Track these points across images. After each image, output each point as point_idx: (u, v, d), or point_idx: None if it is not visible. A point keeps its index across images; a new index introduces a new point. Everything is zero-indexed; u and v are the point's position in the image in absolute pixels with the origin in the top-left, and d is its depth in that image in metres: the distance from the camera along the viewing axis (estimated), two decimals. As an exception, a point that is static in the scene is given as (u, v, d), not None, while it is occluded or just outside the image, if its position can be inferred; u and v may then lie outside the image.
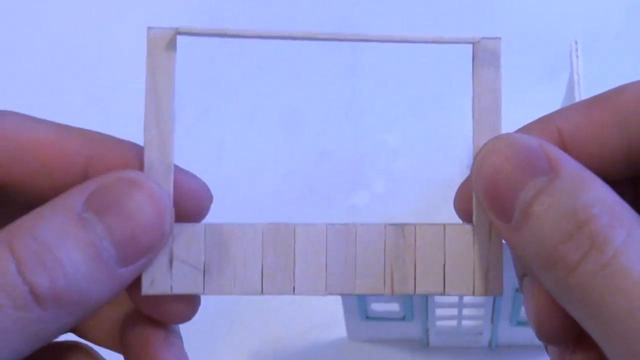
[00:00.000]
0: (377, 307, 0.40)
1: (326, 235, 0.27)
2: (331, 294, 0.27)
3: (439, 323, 0.41)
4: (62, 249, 0.23)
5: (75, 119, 0.28)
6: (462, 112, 0.52)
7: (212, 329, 0.47)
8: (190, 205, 0.27)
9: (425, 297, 0.37)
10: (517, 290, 0.39)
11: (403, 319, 0.39)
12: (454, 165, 0.51)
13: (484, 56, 0.29)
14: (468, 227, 0.27)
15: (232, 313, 0.47)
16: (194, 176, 0.28)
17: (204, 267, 0.27)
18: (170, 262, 0.27)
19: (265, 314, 0.47)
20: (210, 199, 0.28)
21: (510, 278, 0.29)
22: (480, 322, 0.42)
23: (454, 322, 0.42)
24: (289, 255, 0.27)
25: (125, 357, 0.28)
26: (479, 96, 0.29)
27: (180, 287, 0.27)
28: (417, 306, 0.39)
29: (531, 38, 0.54)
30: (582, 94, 0.41)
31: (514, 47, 0.50)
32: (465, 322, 0.42)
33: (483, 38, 0.29)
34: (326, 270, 0.27)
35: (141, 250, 0.25)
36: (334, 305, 0.46)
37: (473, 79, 0.29)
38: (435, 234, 0.27)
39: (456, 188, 0.28)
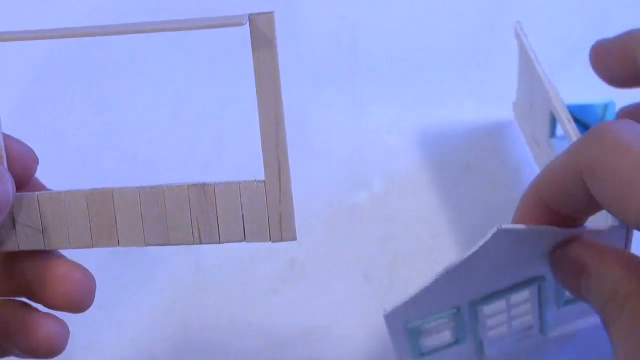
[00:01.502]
0: (428, 341, 0.41)
1: (139, 196, 0.31)
2: (149, 244, 0.32)
3: (491, 333, 0.41)
4: None
5: None
6: (462, 112, 0.52)
7: (212, 329, 0.47)
8: (19, 167, 0.32)
9: (475, 316, 0.38)
10: None
11: (456, 342, 0.40)
12: (454, 165, 0.51)
13: (257, 32, 0.30)
14: (260, 182, 0.31)
15: (232, 312, 0.47)
16: (20, 141, 0.32)
17: (42, 227, 0.32)
18: (14, 225, 0.32)
19: (265, 314, 0.47)
20: (36, 161, 0.33)
21: None
22: (529, 315, 0.41)
23: (504, 327, 0.41)
24: (111, 215, 0.31)
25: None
26: (259, 71, 0.31)
27: (25, 244, 0.32)
28: (468, 325, 0.39)
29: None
30: (544, 68, 0.43)
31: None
32: (514, 322, 0.41)
33: (252, 14, 0.30)
34: (143, 226, 0.31)
35: None
36: (334, 306, 0.46)
37: (252, 55, 0.31)
38: (231, 191, 0.31)
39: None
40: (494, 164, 0.50)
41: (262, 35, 0.30)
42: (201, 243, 0.31)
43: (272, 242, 0.31)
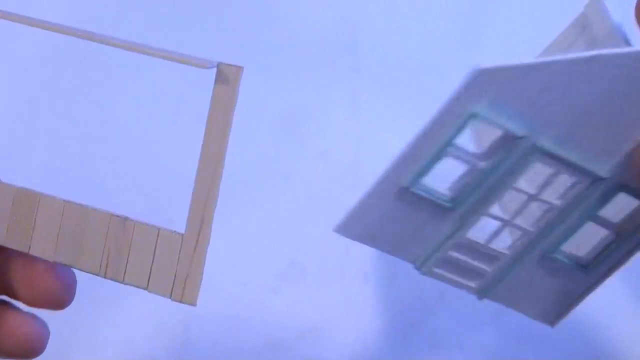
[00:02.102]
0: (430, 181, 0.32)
1: (63, 210, 0.30)
2: (57, 261, 0.31)
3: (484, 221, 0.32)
4: None
5: None
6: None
7: (212, 329, 0.47)
8: None
9: (515, 171, 0.31)
10: None
11: (450, 207, 0.32)
12: (453, 166, 0.51)
13: (222, 80, 0.30)
14: (177, 235, 0.29)
15: (232, 313, 0.47)
16: None
17: None
18: None
19: (265, 314, 0.47)
20: None
21: None
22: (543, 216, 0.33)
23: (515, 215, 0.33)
24: (31, 219, 0.31)
25: None
26: (211, 121, 0.30)
27: None
28: (489, 184, 0.31)
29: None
30: None
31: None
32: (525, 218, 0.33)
33: (220, 63, 0.29)
34: (57, 241, 0.30)
35: None
36: (334, 306, 0.46)
37: (211, 99, 0.30)
38: (149, 235, 0.30)
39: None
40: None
41: (225, 89, 0.30)
42: (105, 277, 0.31)
43: (172, 299, 0.30)
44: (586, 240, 0.34)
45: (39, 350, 0.32)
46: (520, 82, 0.28)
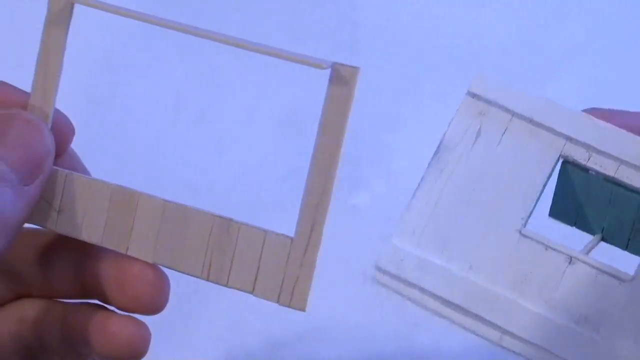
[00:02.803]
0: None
1: (163, 210, 0.29)
2: (156, 263, 0.29)
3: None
4: None
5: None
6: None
7: (212, 329, 0.47)
8: (55, 137, 0.30)
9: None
10: None
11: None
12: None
13: (338, 81, 0.29)
14: (287, 239, 0.28)
15: (232, 312, 0.47)
16: (57, 110, 0.30)
17: (59, 207, 0.29)
18: None
19: (265, 314, 0.47)
20: (72, 131, 0.31)
21: None
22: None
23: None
24: (130, 218, 0.29)
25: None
26: (327, 118, 0.29)
27: (36, 218, 0.30)
28: None
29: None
30: None
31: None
32: None
33: (336, 64, 0.29)
34: (157, 242, 0.29)
35: (34, 167, 0.28)
36: (334, 306, 0.46)
37: (324, 100, 0.29)
38: (256, 237, 0.29)
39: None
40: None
41: (342, 89, 0.29)
42: (207, 279, 0.29)
43: (279, 304, 0.29)
44: None
45: (142, 353, 0.31)
46: None
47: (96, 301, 0.32)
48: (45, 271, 0.32)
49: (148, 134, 0.53)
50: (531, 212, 0.30)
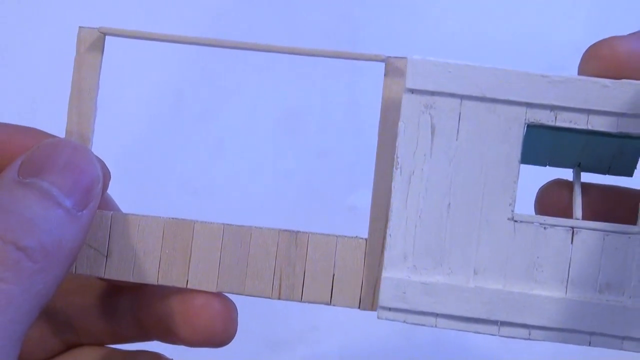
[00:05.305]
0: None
1: (222, 234, 0.28)
2: (221, 291, 0.28)
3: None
4: (25, 210, 0.25)
5: (7, 115, 0.30)
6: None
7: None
8: None
9: None
10: None
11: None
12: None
13: (392, 73, 0.30)
14: (361, 240, 0.28)
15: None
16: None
17: (107, 252, 0.28)
18: None
19: (265, 314, 0.47)
20: (109, 175, 0.29)
21: None
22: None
23: None
24: (186, 249, 0.28)
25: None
26: (384, 112, 0.29)
27: (83, 268, 0.28)
28: None
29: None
30: None
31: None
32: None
33: (389, 57, 0.29)
34: (219, 268, 0.28)
35: (86, 192, 0.27)
36: (334, 308, 0.46)
37: (382, 93, 0.29)
38: (327, 245, 0.28)
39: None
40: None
41: (398, 81, 0.29)
42: (279, 298, 0.28)
43: (360, 309, 0.28)
44: None
45: (227, 335, 0.30)
46: None
47: (154, 342, 0.31)
48: (104, 318, 0.31)
49: (148, 134, 0.53)
50: (515, 194, 0.28)
